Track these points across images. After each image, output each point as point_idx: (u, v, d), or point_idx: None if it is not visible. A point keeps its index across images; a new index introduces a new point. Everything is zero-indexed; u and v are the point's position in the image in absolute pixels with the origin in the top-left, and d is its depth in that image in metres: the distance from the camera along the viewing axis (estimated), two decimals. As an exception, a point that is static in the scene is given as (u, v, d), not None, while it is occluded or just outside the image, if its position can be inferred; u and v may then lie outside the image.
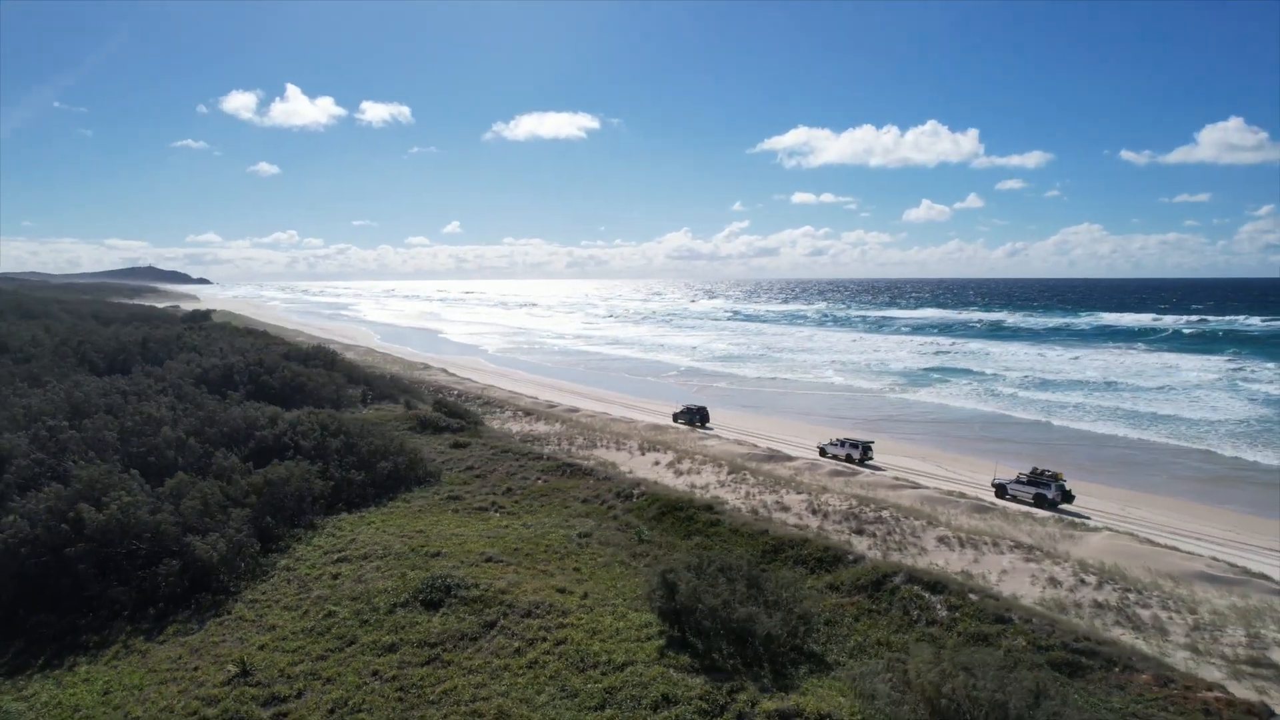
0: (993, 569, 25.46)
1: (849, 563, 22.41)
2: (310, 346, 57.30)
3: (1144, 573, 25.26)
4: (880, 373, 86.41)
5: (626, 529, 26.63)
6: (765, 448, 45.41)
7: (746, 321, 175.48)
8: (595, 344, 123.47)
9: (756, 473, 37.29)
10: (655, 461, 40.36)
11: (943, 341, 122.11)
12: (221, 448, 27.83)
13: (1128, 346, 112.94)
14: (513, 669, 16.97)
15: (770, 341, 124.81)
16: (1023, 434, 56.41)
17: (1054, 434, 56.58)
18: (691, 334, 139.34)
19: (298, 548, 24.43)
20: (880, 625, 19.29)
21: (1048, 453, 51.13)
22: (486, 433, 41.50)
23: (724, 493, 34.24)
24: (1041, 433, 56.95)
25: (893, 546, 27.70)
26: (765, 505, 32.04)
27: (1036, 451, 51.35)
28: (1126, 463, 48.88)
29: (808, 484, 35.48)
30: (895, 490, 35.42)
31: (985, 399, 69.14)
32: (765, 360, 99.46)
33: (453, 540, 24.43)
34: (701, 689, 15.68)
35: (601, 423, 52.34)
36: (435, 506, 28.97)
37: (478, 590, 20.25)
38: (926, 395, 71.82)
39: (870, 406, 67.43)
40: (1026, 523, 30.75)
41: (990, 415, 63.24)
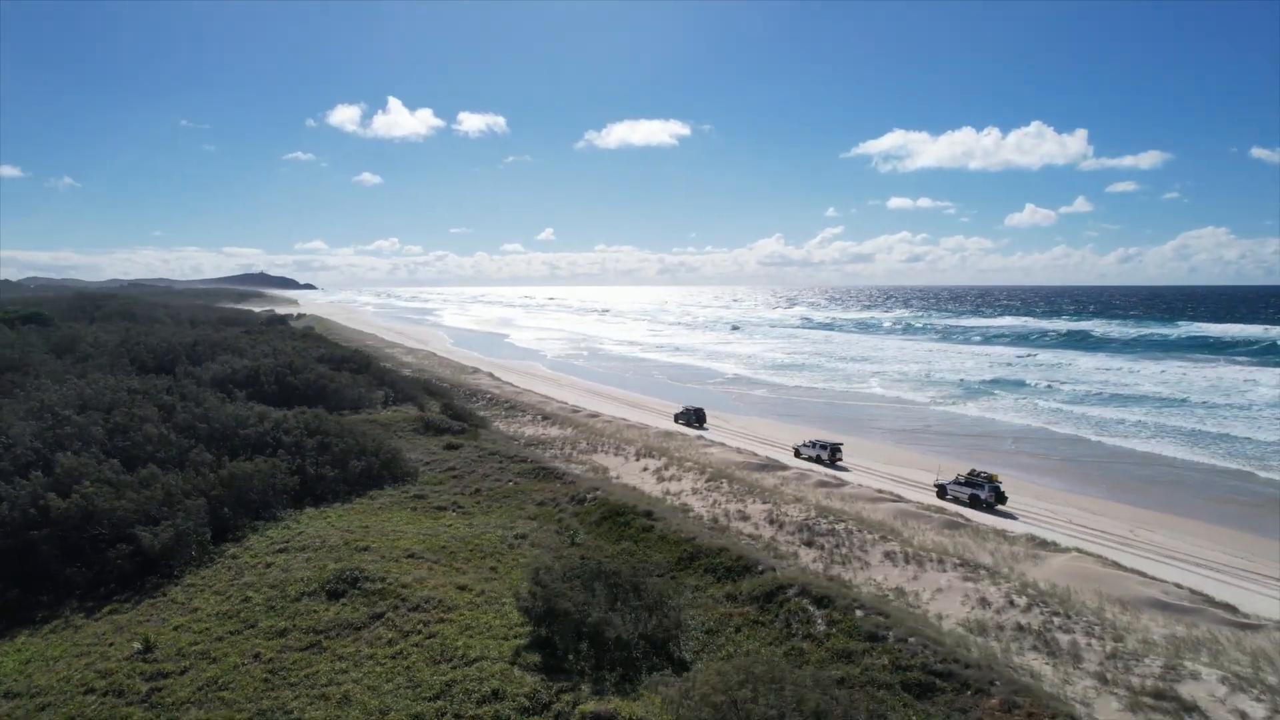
0: (928, 586, 24.74)
1: (756, 573, 22.26)
2: (350, 350, 60.17)
3: (1092, 597, 24.03)
4: (934, 384, 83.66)
5: (563, 532, 27.20)
6: (765, 456, 45.01)
7: (816, 329, 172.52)
8: (652, 351, 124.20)
9: (739, 481, 37.12)
10: (645, 468, 40.71)
11: (1013, 352, 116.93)
12: (202, 443, 30.03)
13: (1217, 359, 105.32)
14: (377, 658, 17.84)
15: (832, 349, 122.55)
16: (1057, 450, 53.78)
17: (1091, 450, 53.68)
18: (754, 342, 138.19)
19: (252, 538, 26.12)
20: (758, 636, 19.19)
21: (1077, 469, 48.82)
22: (485, 435, 42.79)
23: (693, 499, 34.34)
24: (1078, 449, 54.11)
25: (837, 560, 27.25)
26: (728, 514, 31.97)
27: (1065, 468, 49.13)
28: (1162, 482, 45.99)
29: (784, 493, 35.08)
30: (873, 503, 34.59)
31: (1033, 413, 66.08)
32: (815, 369, 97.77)
33: (389, 536, 25.59)
34: (532, 687, 16.13)
35: (615, 428, 52.94)
36: (397, 504, 30.29)
37: (382, 584, 21.26)
38: (974, 408, 69.18)
39: (909, 418, 65.54)
40: (994, 541, 29.56)
41: (1030, 430, 60.50)
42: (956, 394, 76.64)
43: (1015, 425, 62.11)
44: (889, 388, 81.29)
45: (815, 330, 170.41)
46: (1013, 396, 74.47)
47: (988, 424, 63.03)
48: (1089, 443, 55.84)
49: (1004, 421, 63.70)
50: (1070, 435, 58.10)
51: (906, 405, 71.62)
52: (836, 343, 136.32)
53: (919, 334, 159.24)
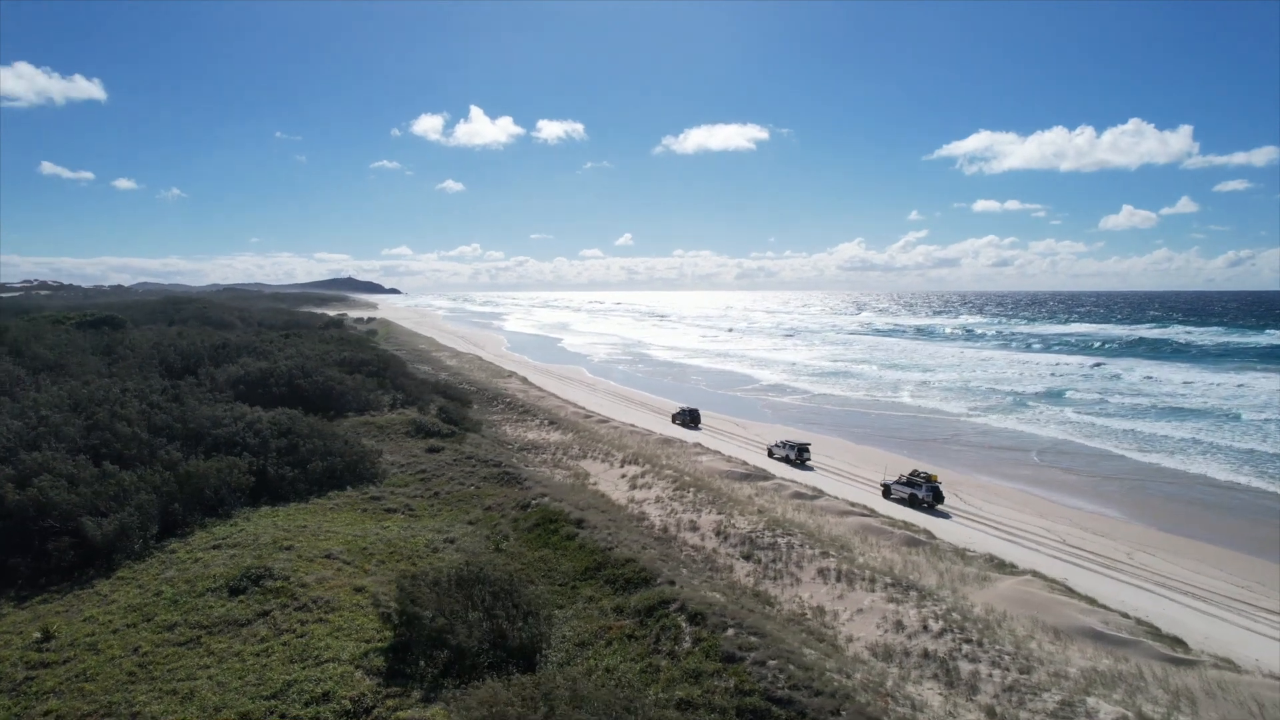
0: (851, 606, 23.75)
1: (652, 586, 21.78)
2: (372, 354, 61.99)
3: (1025, 624, 22.60)
4: (977, 393, 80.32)
5: (493, 537, 27.28)
6: (754, 465, 44.11)
7: (874, 335, 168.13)
8: (697, 356, 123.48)
9: (711, 490, 36.47)
10: (623, 474, 40.46)
11: (1078, 360, 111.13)
12: (175, 442, 31.45)
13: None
14: (243, 655, 18.27)
15: (883, 356, 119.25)
16: (1083, 465, 50.93)
17: (1119, 467, 50.59)
18: (806, 348, 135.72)
19: (197, 535, 27.15)
20: (626, 651, 18.74)
21: (1097, 485, 46.26)
22: (472, 440, 43.33)
23: (653, 508, 33.93)
24: (1106, 465, 51.07)
25: (770, 575, 26.47)
26: (679, 524, 31.48)
27: (1086, 484, 46.61)
28: (1187, 503, 43.05)
29: (751, 504, 34.24)
30: (840, 517, 33.41)
31: (1071, 427, 62.65)
32: (856, 377, 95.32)
33: (319, 536, 26.18)
34: (363, 690, 16.25)
35: (618, 434, 52.86)
36: (351, 505, 30.98)
37: (283, 583, 21.77)
38: (1012, 420, 66.05)
39: (936, 429, 63.15)
40: (950, 560, 28.12)
41: (1059, 443, 57.52)
42: (996, 404, 73.39)
43: (1045, 438, 59.09)
44: (926, 397, 78.49)
45: (873, 336, 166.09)
46: (1056, 408, 70.83)
47: (1017, 437, 60.13)
48: (1120, 459, 52.65)
49: (1034, 434, 60.68)
50: (1101, 450, 54.88)
51: (938, 416, 69.01)
52: (891, 350, 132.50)
53: (982, 341, 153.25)
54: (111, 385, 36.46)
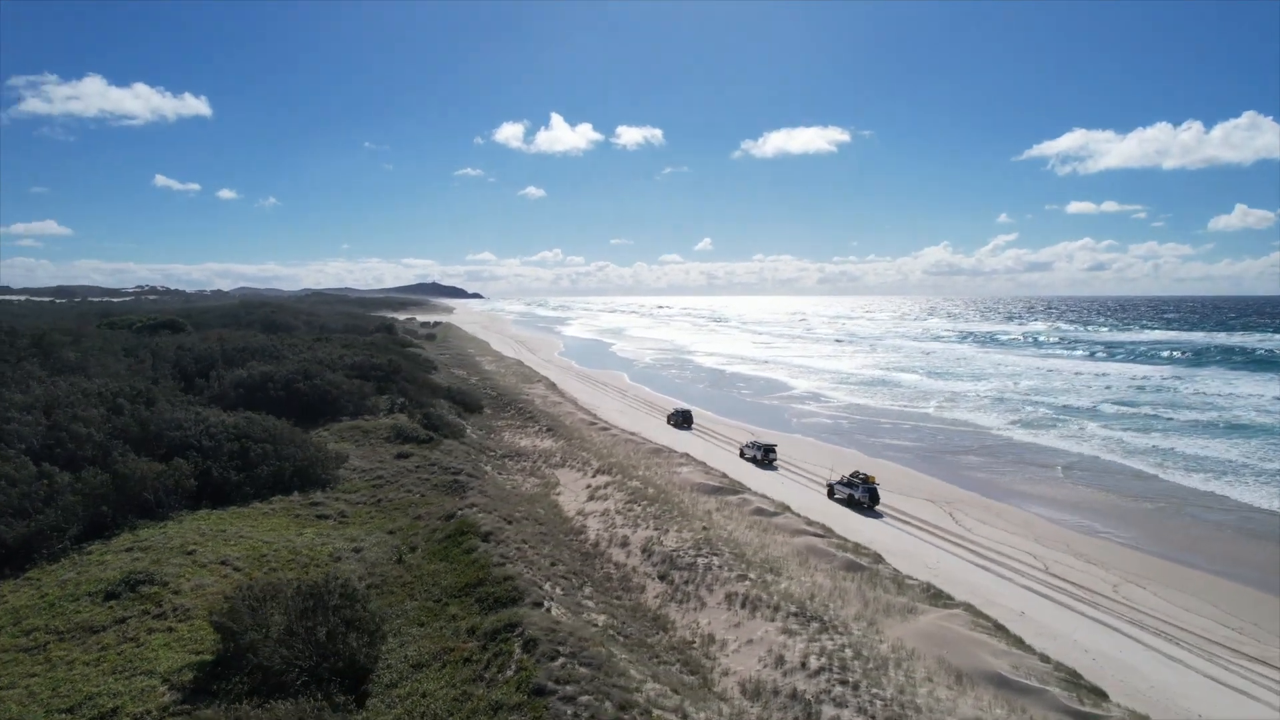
0: (743, 636, 22.21)
1: (520, 605, 20.76)
2: (385, 359, 62.92)
3: (929, 665, 20.61)
4: (1019, 405, 75.83)
5: (401, 548, 26.79)
6: (731, 479, 42.43)
7: (935, 343, 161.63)
8: (738, 363, 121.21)
9: (668, 504, 35.16)
10: (589, 485, 39.62)
11: (1144, 370, 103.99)
12: (131, 444, 32.28)
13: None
14: (74, 664, 18.21)
15: (934, 364, 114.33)
16: (1110, 485, 47.25)
17: (1145, 487, 46.65)
18: (858, 355, 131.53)
19: (123, 537, 27.60)
20: (451, 676, 17.82)
21: (1108, 506, 43.23)
22: (447, 446, 43.19)
23: (597, 521, 33.05)
24: (1136, 485, 47.17)
25: (678, 597, 25.15)
26: (612, 539, 30.47)
27: (1098, 505, 43.45)
28: (1206, 529, 39.25)
29: (698, 521, 32.76)
30: (792, 536, 31.54)
31: (1110, 443, 58.14)
32: (897, 386, 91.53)
33: (229, 541, 26.22)
34: (157, 705, 15.91)
35: (612, 443, 51.92)
36: (287, 510, 31.09)
37: (160, 588, 21.78)
38: (1048, 436, 61.84)
39: (961, 443, 59.71)
40: (881, 589, 26.03)
41: (1087, 459, 53.52)
42: (1034, 417, 68.98)
43: (1075, 454, 55.08)
44: (960, 409, 74.53)
45: (932, 343, 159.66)
46: (1100, 422, 66.00)
47: (1045, 453, 56.23)
48: (1152, 480, 48.57)
49: (1067, 450, 56.64)
50: (1136, 470, 50.67)
51: (966, 429, 65.34)
52: (945, 357, 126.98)
53: (1048, 348, 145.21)
54: (77, 387, 37.79)
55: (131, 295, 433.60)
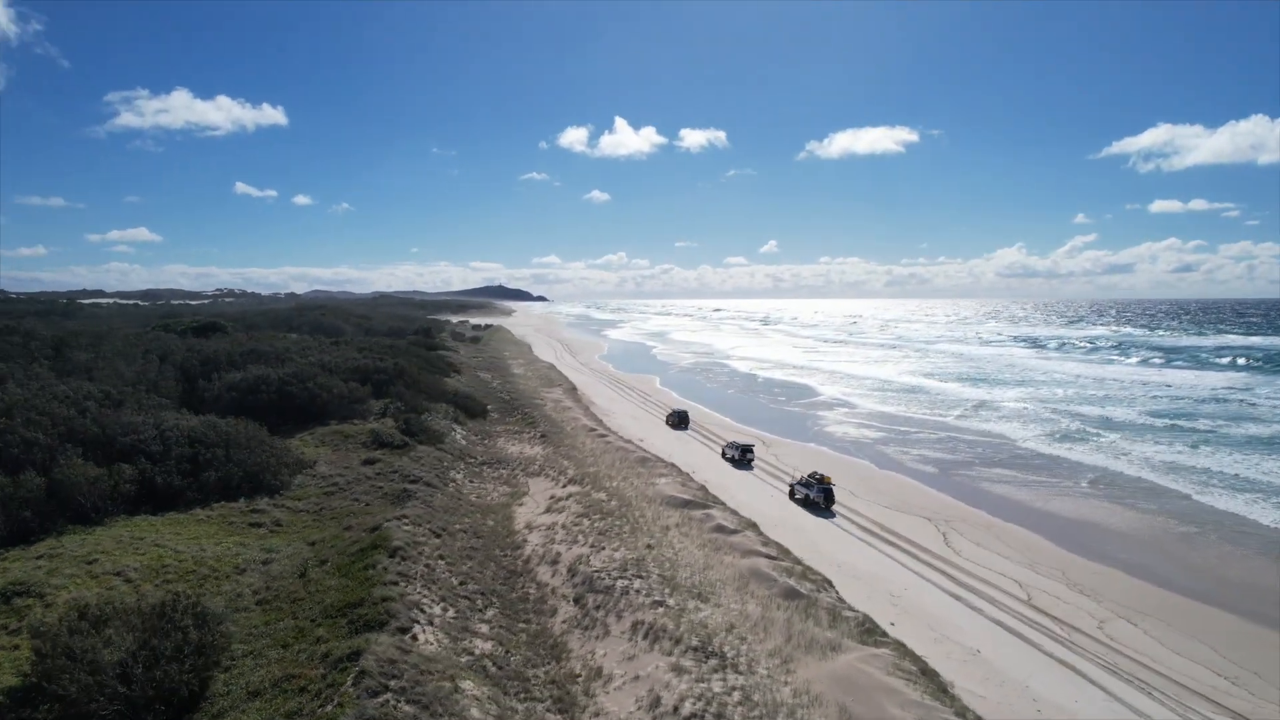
0: (631, 672, 20.40)
1: (379, 630, 19.42)
2: (391, 362, 62.88)
3: (830, 715, 18.41)
4: (1055, 415, 71.20)
5: (312, 561, 25.81)
6: (709, 493, 40.41)
7: (987, 348, 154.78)
8: (774, 368, 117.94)
9: (624, 519, 33.45)
10: (553, 495, 38.17)
11: (1212, 377, 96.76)
12: (83, 448, 32.35)
13: None
14: (-92, 680, 17.73)
15: (978, 371, 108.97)
16: (1135, 507, 43.20)
17: (1181, 509, 42.63)
18: (898, 362, 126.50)
19: (45, 543, 27.41)
20: (275, 707, 16.58)
21: (1126, 530, 39.06)
22: (417, 453, 42.41)
23: (539, 536, 31.64)
24: (1167, 505, 43.13)
25: (585, 623, 23.46)
26: (545, 556, 28.93)
27: (1115, 529, 39.50)
28: (1238, 560, 35.45)
29: (642, 539, 30.95)
30: (739, 557, 29.38)
31: (1148, 461, 53.66)
32: (929, 394, 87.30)
33: (137, 550, 25.71)
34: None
35: (600, 451, 50.37)
36: (224, 516, 30.56)
37: (33, 601, 21.29)
38: (1082, 450, 57.54)
39: (984, 456, 56.00)
40: (810, 622, 23.70)
41: (1120, 479, 49.29)
42: (1070, 430, 64.42)
43: (1108, 471, 50.88)
44: (989, 419, 70.37)
45: (984, 348, 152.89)
46: (1141, 436, 61.15)
47: (1074, 469, 52.15)
48: (1181, 499, 44.43)
49: (1093, 464, 52.51)
50: (1172, 490, 46.37)
51: (994, 440, 61.42)
52: (994, 364, 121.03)
53: (1107, 353, 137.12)
54: (48, 389, 38.28)
55: (210, 298, 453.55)
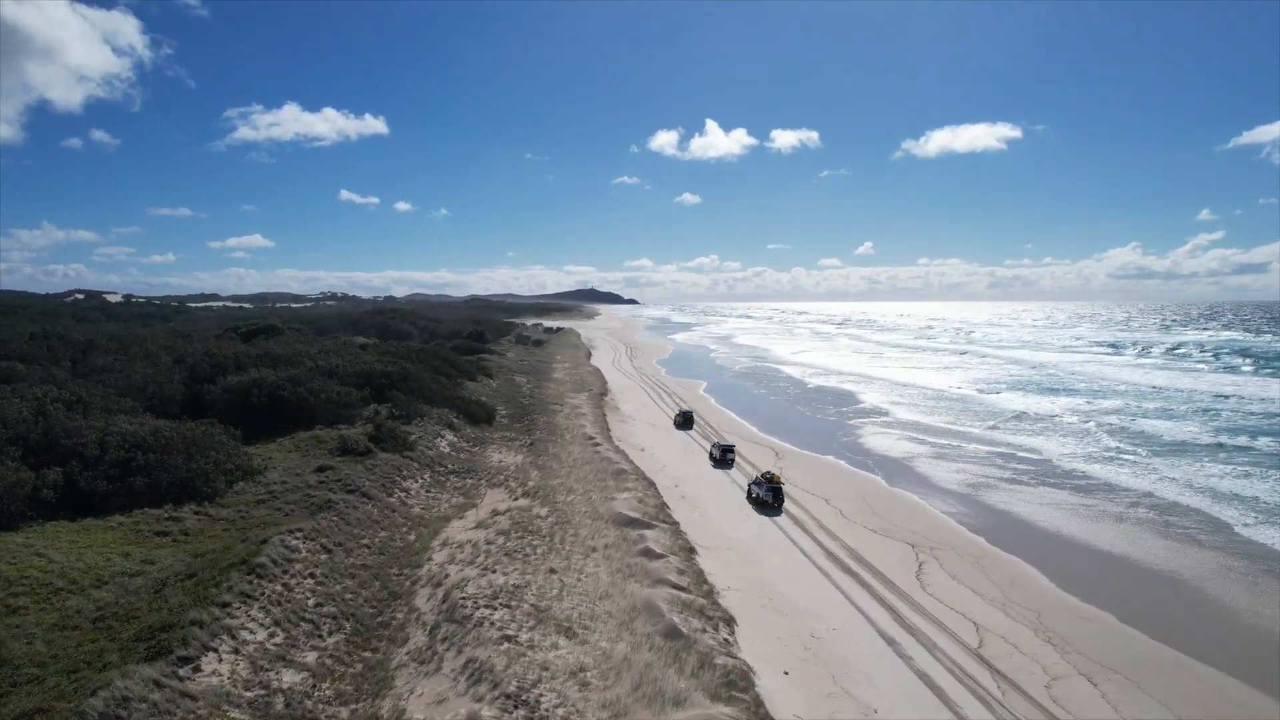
0: (426, 718, 18.38)
1: (162, 661, 18.16)
2: (396, 367, 63.00)
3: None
4: (1110, 430, 64.70)
5: (176, 577, 24.98)
6: (659, 511, 37.90)
7: (1058, 354, 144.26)
8: (824, 375, 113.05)
9: (546, 536, 31.61)
10: (495, 509, 36.55)
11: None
12: (21, 452, 32.96)
13: None
14: None
15: (1044, 380, 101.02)
16: (1170, 536, 38.17)
17: (1206, 541, 37.24)
18: (961, 371, 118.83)
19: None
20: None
21: (1143, 563, 34.11)
22: (375, 460, 41.69)
23: (444, 554, 30.01)
24: (1193, 538, 37.77)
25: (424, 656, 21.70)
26: (431, 578, 27.35)
27: (1133, 561, 34.77)
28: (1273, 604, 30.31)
29: (549, 562, 28.93)
30: (644, 586, 26.89)
31: (1188, 486, 47.60)
32: (974, 404, 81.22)
33: (14, 558, 25.59)
34: None
35: (581, 461, 48.56)
36: (134, 524, 30.37)
37: None
38: (1120, 472, 51.63)
39: (1011, 472, 51.11)
40: (670, 670, 20.97)
41: (1156, 504, 43.74)
42: (1117, 448, 58.14)
43: (1142, 495, 45.34)
44: (1035, 433, 64.55)
45: (1057, 354, 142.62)
46: (1204, 459, 54.43)
47: (1108, 492, 46.69)
48: (1223, 532, 38.96)
49: (1133, 488, 46.91)
50: (1212, 518, 40.83)
51: (1024, 457, 56.06)
52: (1061, 370, 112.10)
53: (1190, 361, 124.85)
54: (19, 391, 39.41)
55: (313, 301, 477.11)
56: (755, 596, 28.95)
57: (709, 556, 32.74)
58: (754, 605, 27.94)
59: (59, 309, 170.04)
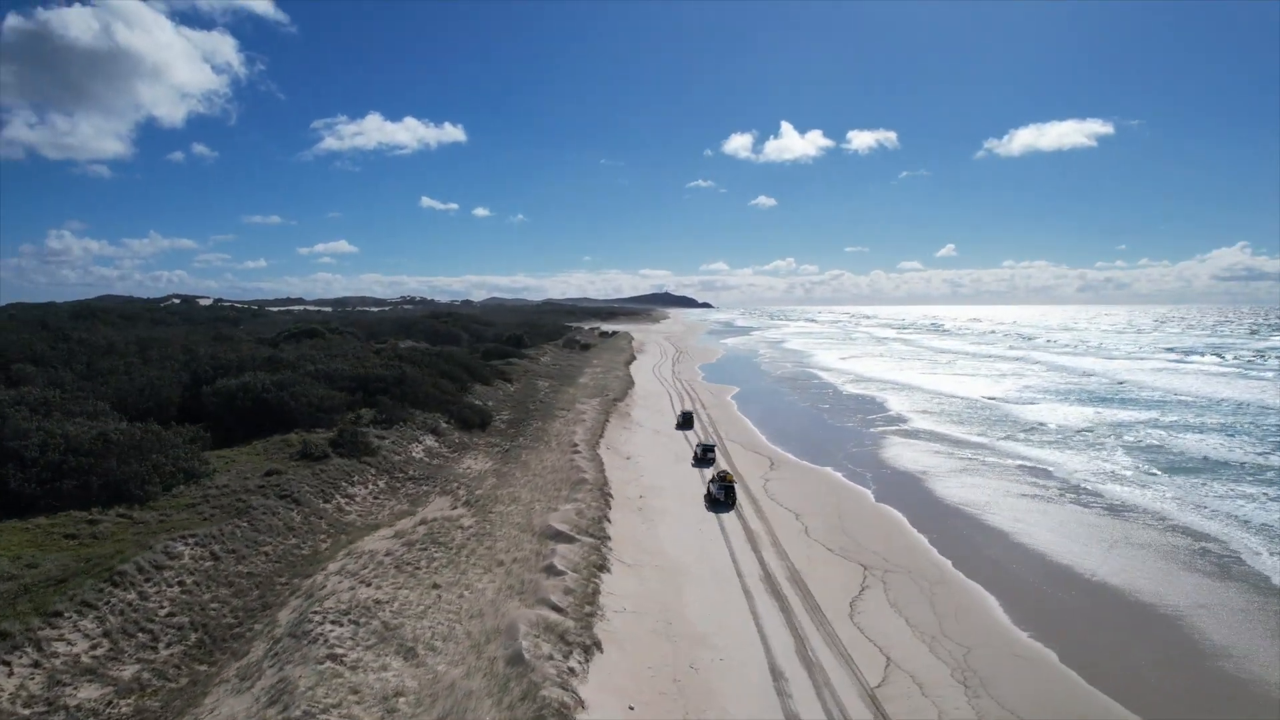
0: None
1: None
2: (397, 371, 63.49)
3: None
4: (1143, 449, 59.76)
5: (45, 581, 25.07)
6: (592, 525, 36.48)
7: (1113, 361, 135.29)
8: (861, 383, 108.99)
9: (456, 550, 30.72)
10: (423, 518, 35.89)
11: None
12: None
13: None
14: None
15: (1083, 387, 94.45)
16: (1173, 563, 34.45)
17: (1207, 568, 33.44)
18: (1005, 380, 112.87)
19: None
20: None
21: (1127, 591, 30.84)
22: (331, 465, 41.64)
23: (335, 564, 29.32)
24: (1191, 565, 34.00)
25: (248, 672, 20.94)
26: (313, 587, 26.67)
27: (1117, 586, 31.42)
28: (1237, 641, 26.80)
29: (439, 575, 27.97)
30: (527, 606, 25.54)
31: (1213, 513, 43.11)
32: (995, 414, 76.37)
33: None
34: None
35: (551, 468, 47.59)
36: (52, 526, 30.45)
37: None
38: (1143, 494, 47.38)
39: (1025, 488, 47.57)
40: (486, 702, 19.69)
41: (1169, 531, 39.75)
42: (1127, 466, 53.42)
43: (1153, 520, 41.28)
44: (1052, 445, 60.20)
45: (1114, 361, 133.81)
46: (1246, 483, 49.44)
47: (1113, 516, 42.79)
48: (1223, 561, 34.94)
49: (1149, 509, 42.79)
50: (1232, 555, 36.65)
51: (1035, 470, 52.18)
52: (1110, 379, 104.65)
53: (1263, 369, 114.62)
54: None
55: (392, 304, 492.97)
56: (652, 620, 27.28)
57: (626, 574, 31.18)
58: (644, 630, 26.28)
59: (139, 312, 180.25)
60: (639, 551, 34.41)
